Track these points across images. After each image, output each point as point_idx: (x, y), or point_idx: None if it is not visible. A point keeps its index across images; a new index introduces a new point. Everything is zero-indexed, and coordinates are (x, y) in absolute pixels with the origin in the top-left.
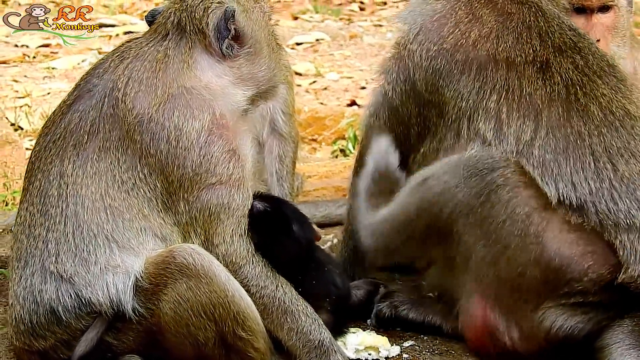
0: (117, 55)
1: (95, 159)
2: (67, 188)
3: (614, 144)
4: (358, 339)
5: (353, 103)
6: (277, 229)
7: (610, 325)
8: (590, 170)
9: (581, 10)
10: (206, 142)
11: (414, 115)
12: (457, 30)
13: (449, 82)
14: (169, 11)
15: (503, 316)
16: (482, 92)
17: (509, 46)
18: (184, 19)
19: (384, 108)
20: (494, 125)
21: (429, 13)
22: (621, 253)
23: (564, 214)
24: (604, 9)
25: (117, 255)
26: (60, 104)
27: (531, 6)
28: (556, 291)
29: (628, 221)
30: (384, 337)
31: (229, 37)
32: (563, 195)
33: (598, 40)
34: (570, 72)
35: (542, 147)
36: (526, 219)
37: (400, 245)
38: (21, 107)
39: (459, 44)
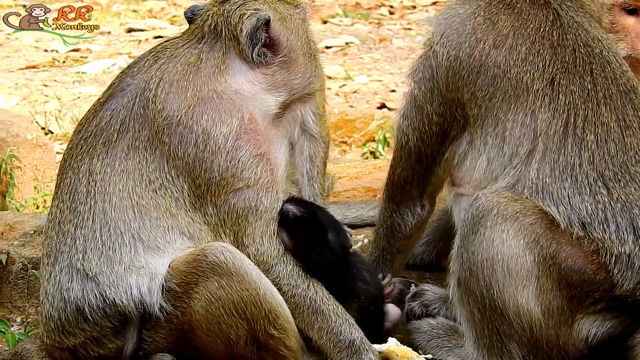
0: (153, 55)
1: (124, 157)
2: (96, 185)
3: (607, 173)
4: (383, 347)
5: (383, 106)
6: (312, 235)
7: None
8: (587, 195)
9: (633, 12)
10: (233, 147)
11: (436, 114)
12: (473, 37)
13: (467, 84)
14: (207, 14)
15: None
16: (495, 99)
17: (521, 57)
18: (220, 23)
19: (411, 107)
20: (499, 143)
21: (452, 17)
22: (615, 270)
23: (569, 231)
24: None
25: (142, 255)
26: (95, 102)
27: (549, 13)
28: (582, 304)
29: (620, 240)
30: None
31: (261, 44)
32: (566, 217)
33: None
34: (576, 96)
35: (539, 170)
36: (536, 245)
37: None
38: (51, 111)
39: (475, 50)
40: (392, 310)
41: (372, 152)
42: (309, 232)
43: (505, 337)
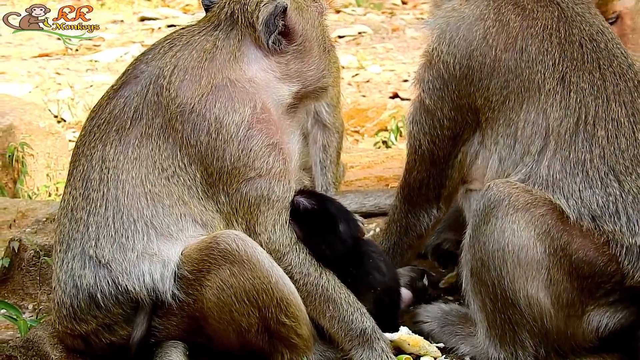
0: (168, 42)
1: (137, 144)
2: (109, 172)
3: (618, 167)
4: (395, 336)
5: (395, 95)
6: (323, 227)
7: None
8: (598, 188)
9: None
10: (245, 136)
11: (448, 119)
12: (484, 44)
13: (479, 89)
14: (224, 1)
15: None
16: (508, 101)
17: (532, 58)
18: (236, 11)
19: (421, 113)
20: (511, 142)
21: (458, 21)
22: (626, 261)
23: (580, 224)
24: (609, 20)
25: (155, 243)
26: (108, 89)
27: (554, 9)
28: (593, 295)
29: (631, 231)
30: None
31: (277, 32)
32: (576, 210)
33: None
34: (586, 93)
35: (550, 167)
36: (547, 236)
37: None
38: (64, 99)
39: (486, 58)
40: (404, 293)
41: (384, 142)
42: (319, 224)
43: (517, 327)
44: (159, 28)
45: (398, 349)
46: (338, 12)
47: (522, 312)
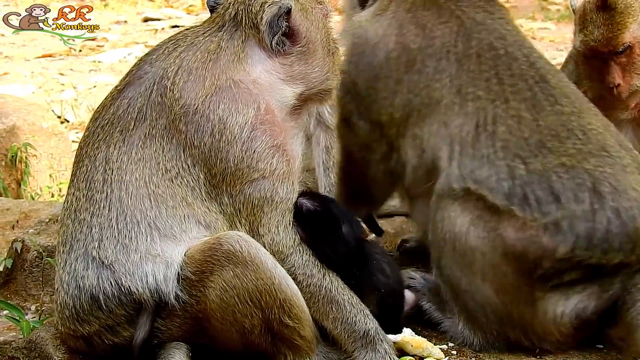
0: (172, 43)
1: (141, 145)
2: (112, 174)
3: (522, 153)
4: (398, 338)
5: None
6: (326, 229)
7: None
8: (505, 174)
9: (593, 57)
10: (249, 137)
11: (363, 130)
12: (387, 65)
13: (383, 105)
14: (228, 2)
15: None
16: (410, 117)
17: (429, 77)
18: (240, 12)
19: (342, 126)
20: (419, 154)
21: (363, 43)
22: (546, 239)
23: (501, 208)
24: (619, 51)
25: (158, 244)
26: (111, 90)
27: (453, 24)
28: (532, 278)
29: (544, 212)
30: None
31: (281, 33)
32: (491, 197)
33: (618, 85)
34: (483, 99)
35: (461, 167)
36: (480, 221)
37: None
38: (67, 100)
39: (389, 75)
40: (408, 296)
41: None
42: (322, 226)
43: (476, 312)
44: (163, 29)
45: (401, 351)
46: (341, 13)
47: (474, 299)
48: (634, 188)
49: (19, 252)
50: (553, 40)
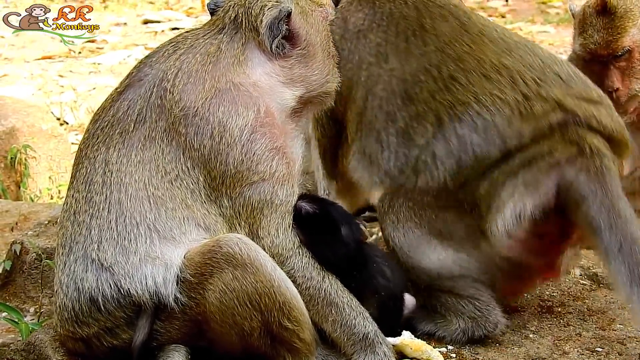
0: (172, 45)
1: (140, 147)
2: (112, 176)
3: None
4: (397, 341)
5: None
6: (325, 231)
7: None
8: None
9: (593, 61)
10: (249, 140)
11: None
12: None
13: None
14: (228, 5)
15: None
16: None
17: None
18: (241, 14)
19: None
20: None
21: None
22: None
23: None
24: (618, 55)
25: (157, 246)
26: (111, 92)
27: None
28: (472, 215)
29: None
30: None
31: (281, 36)
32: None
33: (618, 89)
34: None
35: (353, 160)
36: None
37: None
38: (66, 102)
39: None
40: (408, 299)
41: None
42: (322, 228)
43: (450, 298)
44: (162, 31)
45: (400, 354)
46: None
47: (443, 276)
48: None
49: (18, 254)
50: (552, 44)
